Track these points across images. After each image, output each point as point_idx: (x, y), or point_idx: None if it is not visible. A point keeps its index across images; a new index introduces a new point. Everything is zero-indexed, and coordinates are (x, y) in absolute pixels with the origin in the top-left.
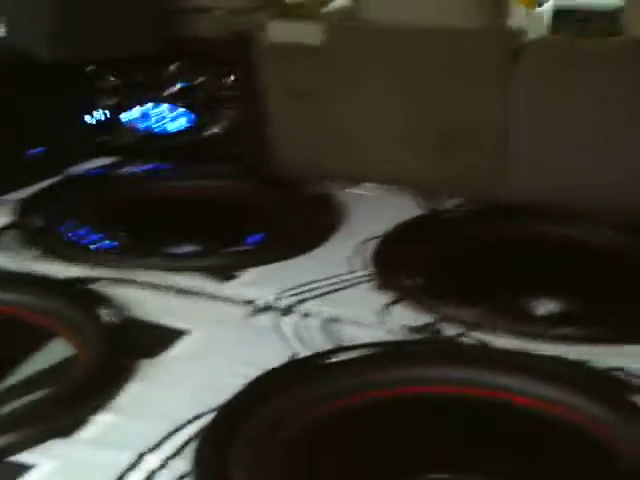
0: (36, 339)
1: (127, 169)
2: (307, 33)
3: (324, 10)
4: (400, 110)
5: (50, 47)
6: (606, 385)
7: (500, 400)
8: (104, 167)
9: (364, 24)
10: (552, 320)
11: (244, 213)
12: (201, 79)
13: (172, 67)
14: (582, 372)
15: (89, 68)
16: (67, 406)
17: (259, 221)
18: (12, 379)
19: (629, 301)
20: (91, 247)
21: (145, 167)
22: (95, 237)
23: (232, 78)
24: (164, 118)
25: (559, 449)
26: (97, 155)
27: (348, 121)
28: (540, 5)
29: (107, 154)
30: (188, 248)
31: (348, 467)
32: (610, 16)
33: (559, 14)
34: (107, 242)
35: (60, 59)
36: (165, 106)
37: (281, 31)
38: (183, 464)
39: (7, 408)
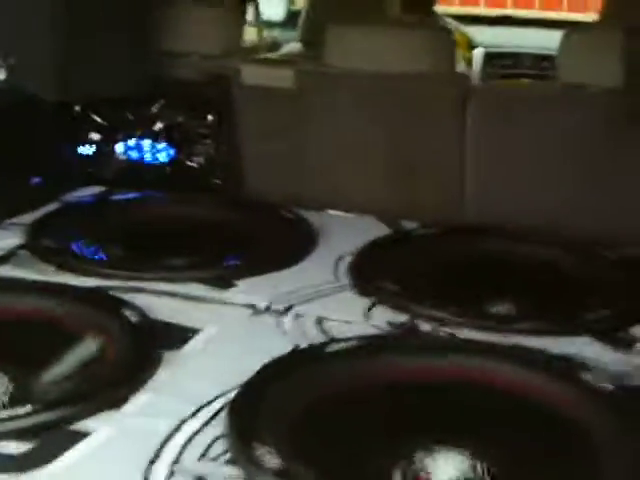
0: (67, 340)
1: (117, 197)
2: (279, 77)
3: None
4: (364, 146)
5: (55, 88)
6: (563, 366)
7: (473, 381)
8: (95, 195)
9: (330, 69)
10: (510, 318)
11: (226, 233)
12: (181, 118)
13: (155, 106)
14: (542, 356)
15: (79, 106)
16: (112, 385)
17: (242, 240)
18: (52, 374)
19: (569, 302)
20: (100, 262)
21: (132, 195)
22: (101, 254)
23: (210, 117)
24: (148, 152)
25: (529, 422)
26: (88, 184)
27: (317, 156)
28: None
29: (96, 183)
30: (185, 263)
31: (354, 431)
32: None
33: (490, 58)
34: (113, 258)
35: (62, 99)
36: (149, 141)
37: (254, 75)
38: (217, 429)
39: (55, 393)
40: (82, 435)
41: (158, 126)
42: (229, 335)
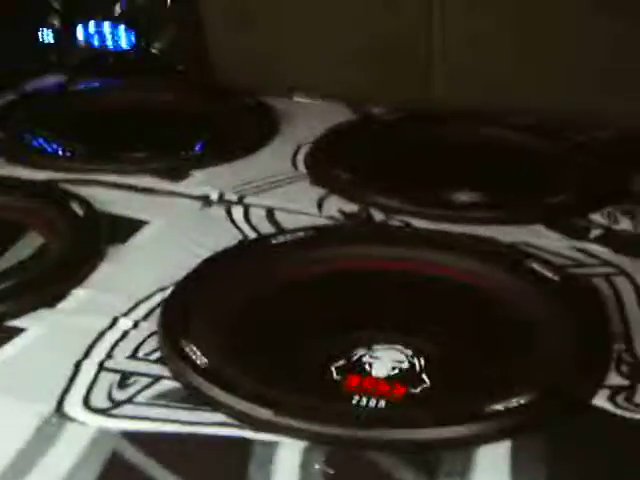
0: (10, 234)
1: (78, 85)
2: None
3: None
4: (331, 27)
5: None
6: (509, 255)
7: (417, 272)
8: (55, 84)
9: None
10: (464, 206)
11: (188, 122)
12: (141, 1)
13: None
14: (489, 245)
15: None
16: (49, 282)
17: (203, 129)
18: None
19: (530, 189)
20: (52, 154)
21: (92, 83)
22: (54, 146)
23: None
24: (109, 38)
25: (474, 313)
26: (49, 72)
27: (283, 38)
28: None
29: (58, 72)
30: (141, 154)
31: (293, 327)
32: None
33: None
34: (66, 150)
35: None
36: (109, 27)
37: None
38: (151, 325)
39: None
40: (13, 334)
41: (118, 10)
42: (177, 227)
